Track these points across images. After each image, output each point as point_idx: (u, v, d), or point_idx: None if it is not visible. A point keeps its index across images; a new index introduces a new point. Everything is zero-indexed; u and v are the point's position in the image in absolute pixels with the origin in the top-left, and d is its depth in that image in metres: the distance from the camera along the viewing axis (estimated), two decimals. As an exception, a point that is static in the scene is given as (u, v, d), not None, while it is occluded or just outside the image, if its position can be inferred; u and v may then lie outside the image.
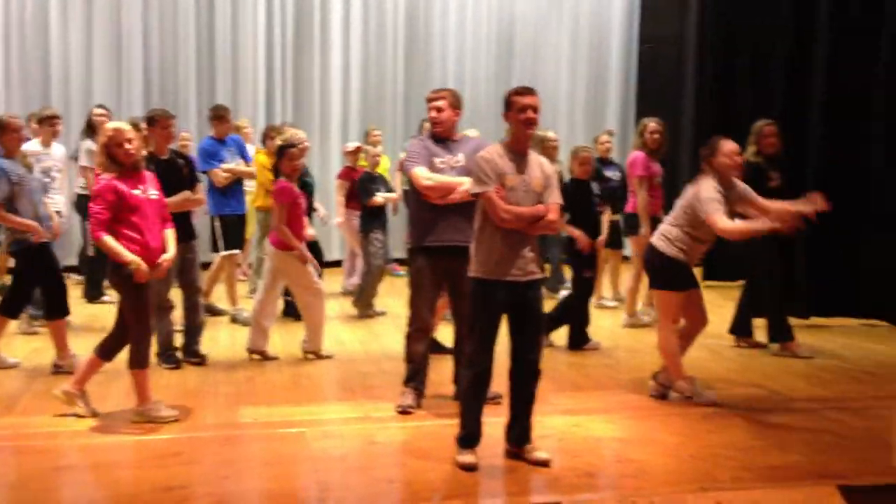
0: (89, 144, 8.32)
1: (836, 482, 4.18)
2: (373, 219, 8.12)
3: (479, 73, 12.06)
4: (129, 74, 11.05)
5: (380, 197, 8.12)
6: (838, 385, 6.07)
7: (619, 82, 12.56)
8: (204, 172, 7.69)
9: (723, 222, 5.25)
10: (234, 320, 7.86)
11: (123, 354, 5.10)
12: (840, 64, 8.02)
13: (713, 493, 4.11)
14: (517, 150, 4.43)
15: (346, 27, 11.78)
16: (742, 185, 5.52)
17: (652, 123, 7.73)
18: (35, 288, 6.37)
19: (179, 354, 6.39)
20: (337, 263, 10.58)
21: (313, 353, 6.57)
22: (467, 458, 4.35)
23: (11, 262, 6.65)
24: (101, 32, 10.97)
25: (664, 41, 12.05)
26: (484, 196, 4.32)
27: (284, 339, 7.06)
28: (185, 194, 6.26)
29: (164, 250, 5.10)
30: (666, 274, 5.51)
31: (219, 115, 8.04)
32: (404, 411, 5.25)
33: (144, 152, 6.43)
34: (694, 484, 4.22)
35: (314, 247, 7.30)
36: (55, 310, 6.24)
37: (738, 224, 5.37)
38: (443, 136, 5.35)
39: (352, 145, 9.36)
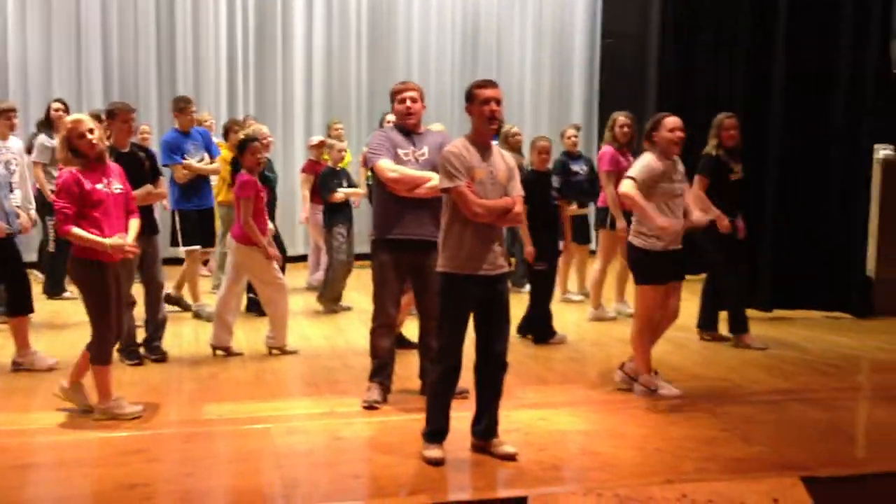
0: (43, 139, 8.21)
1: (799, 473, 4.22)
2: (335, 214, 8.08)
3: (443, 67, 12.04)
4: (89, 67, 10.89)
5: (340, 192, 8.05)
6: (801, 377, 6.13)
7: (582, 76, 12.61)
8: (166, 166, 7.60)
9: (628, 186, 5.35)
10: (197, 315, 7.79)
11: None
12: (800, 57, 8.09)
13: (678, 484, 4.13)
14: (481, 142, 4.42)
15: (309, 19, 11.69)
16: (683, 173, 5.56)
17: (622, 117, 7.75)
18: None
19: (142, 350, 6.31)
20: (302, 258, 10.53)
21: (278, 348, 6.53)
22: (434, 452, 4.34)
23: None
24: (60, 24, 10.80)
25: (626, 36, 12.13)
26: (455, 191, 4.29)
27: (248, 335, 7.00)
28: (147, 188, 6.18)
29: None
30: (640, 267, 5.53)
31: (180, 108, 7.93)
32: (370, 406, 5.22)
33: (107, 144, 6.37)
34: (659, 476, 4.24)
35: (277, 241, 7.27)
36: (18, 306, 6.13)
37: (639, 198, 5.32)
38: (411, 129, 5.32)
39: (316, 139, 9.32)
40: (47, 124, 8.36)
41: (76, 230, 4.81)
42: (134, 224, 5.14)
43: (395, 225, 5.18)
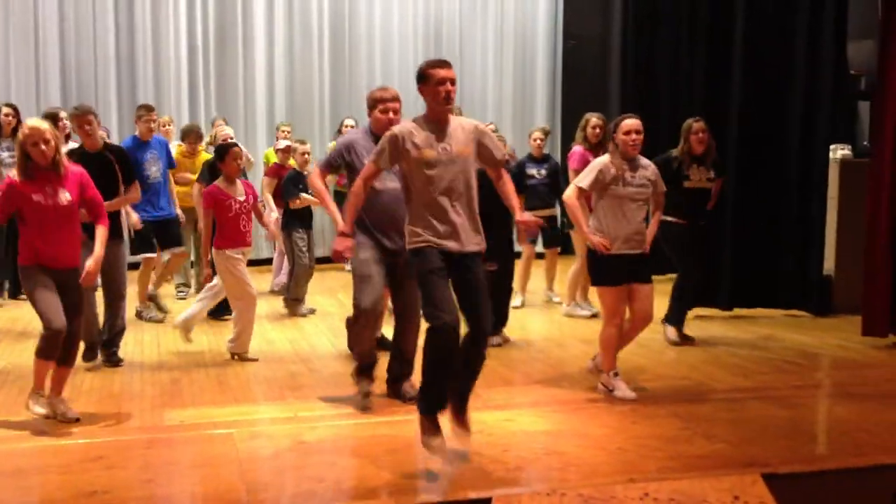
0: None
1: (760, 470, 4.26)
2: (293, 218, 8.03)
3: (406, 71, 11.97)
4: (46, 69, 10.72)
5: (304, 197, 8.00)
6: (762, 375, 6.19)
7: (545, 79, 12.65)
8: None
9: (570, 191, 5.52)
10: (139, 315, 7.75)
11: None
12: (758, 57, 8.18)
13: (641, 483, 4.15)
14: (435, 121, 4.36)
15: (270, 22, 11.60)
16: (654, 171, 5.61)
17: (594, 118, 7.82)
18: None
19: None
20: (267, 262, 10.45)
21: (238, 354, 6.46)
22: (437, 440, 4.25)
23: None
24: (17, 25, 10.62)
25: (588, 37, 12.18)
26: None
27: (210, 339, 6.94)
28: (120, 197, 6.13)
29: (69, 257, 4.94)
30: (593, 268, 5.58)
31: (139, 115, 7.92)
32: (366, 395, 5.26)
33: (74, 146, 6.31)
34: (622, 475, 4.26)
35: None
36: None
37: (575, 207, 5.50)
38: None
39: (283, 143, 9.23)
40: None
41: None
42: (100, 232, 5.07)
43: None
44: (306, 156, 8.33)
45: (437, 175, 4.27)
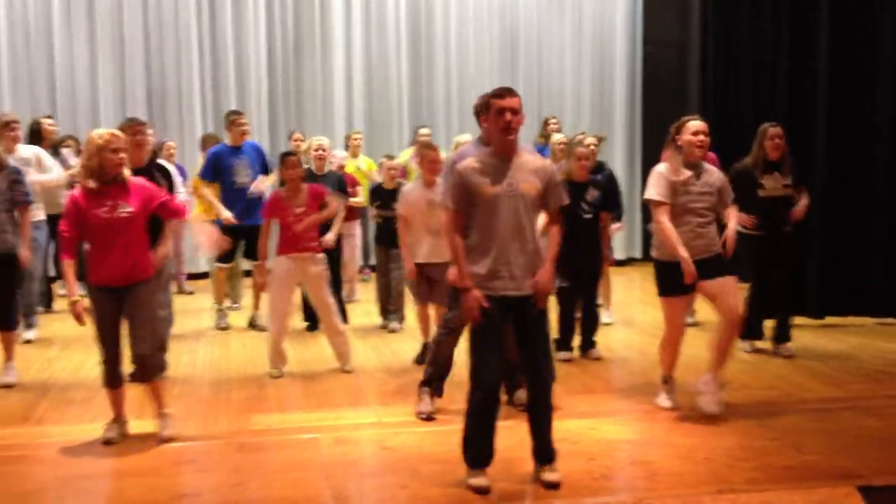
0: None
1: (854, 482, 4.15)
2: (389, 232, 7.93)
3: (482, 73, 12.02)
4: (134, 81, 11.04)
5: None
6: (854, 385, 6.03)
7: (623, 84, 12.52)
8: (213, 181, 7.68)
9: (654, 213, 5.21)
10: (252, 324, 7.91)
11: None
12: (842, 62, 7.99)
13: (729, 495, 4.09)
14: (500, 154, 4.14)
15: (348, 28, 11.74)
16: (720, 177, 5.35)
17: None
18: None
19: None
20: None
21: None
22: (480, 480, 4.19)
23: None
24: (104, 38, 10.94)
25: (667, 43, 12.08)
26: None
27: (297, 350, 7.04)
28: (166, 236, 6.09)
29: (135, 271, 4.86)
30: (656, 277, 5.43)
31: (230, 120, 7.86)
32: (428, 417, 5.26)
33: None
34: (710, 486, 4.20)
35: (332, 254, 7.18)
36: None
37: (669, 227, 5.16)
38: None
39: (340, 154, 9.25)
40: (37, 137, 8.18)
41: (67, 265, 4.78)
42: (172, 224, 5.09)
43: None
44: (393, 172, 8.09)
45: (501, 213, 4.07)
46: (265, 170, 7.95)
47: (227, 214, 7.50)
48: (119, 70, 11.03)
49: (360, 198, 8.99)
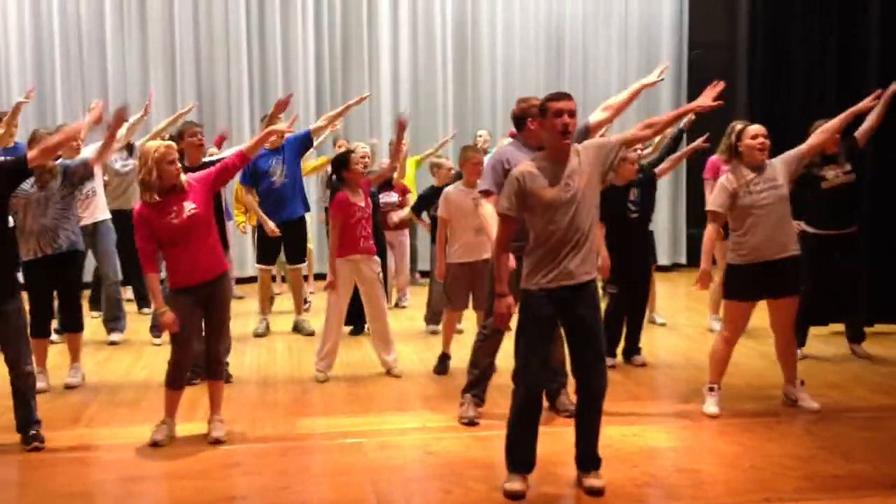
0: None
1: (904, 492, 4.09)
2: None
3: (527, 79, 12.01)
4: (184, 91, 11.22)
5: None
6: (904, 393, 5.94)
7: (670, 86, 12.43)
8: (252, 186, 7.78)
9: (709, 222, 5.44)
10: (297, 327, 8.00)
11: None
12: (891, 61, 7.85)
13: (776, 503, 4.05)
14: (554, 158, 4.16)
15: (395, 35, 11.82)
16: (783, 158, 5.48)
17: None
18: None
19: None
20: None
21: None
22: (515, 484, 4.20)
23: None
24: (156, 50, 11.16)
25: (714, 46, 11.98)
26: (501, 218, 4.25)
27: (341, 354, 7.08)
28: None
29: (210, 267, 4.98)
30: (726, 279, 5.48)
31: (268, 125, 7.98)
32: (470, 423, 5.26)
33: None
34: (756, 494, 4.17)
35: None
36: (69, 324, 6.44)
37: (710, 238, 5.45)
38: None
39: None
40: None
41: (152, 278, 4.91)
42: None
43: None
44: (452, 172, 8.04)
45: (559, 216, 4.08)
46: (305, 146, 7.96)
47: (270, 226, 7.65)
48: (170, 77, 11.22)
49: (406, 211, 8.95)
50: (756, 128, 5.41)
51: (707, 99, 4.77)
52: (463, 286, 6.42)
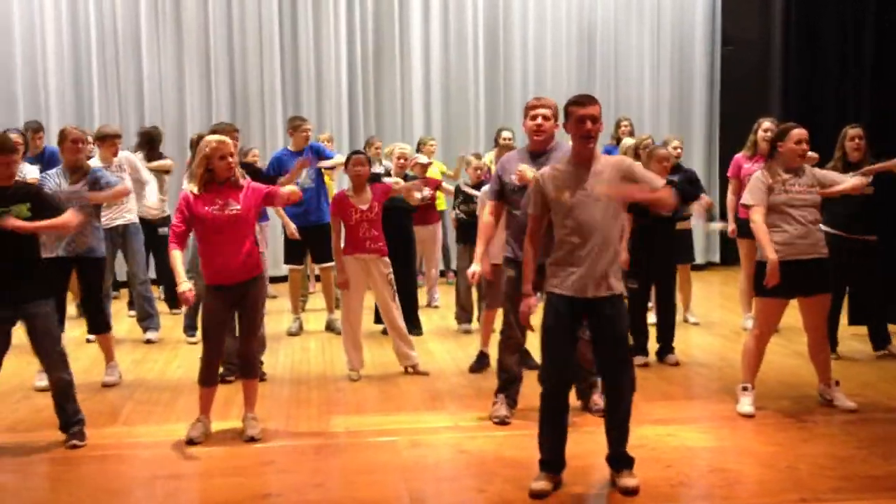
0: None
1: (943, 494, 4.04)
2: (470, 232, 7.95)
3: (559, 78, 11.98)
4: (219, 97, 11.32)
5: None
6: (943, 393, 5.85)
7: (703, 85, 12.33)
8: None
9: (752, 215, 5.32)
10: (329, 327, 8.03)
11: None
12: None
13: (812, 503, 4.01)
14: (578, 162, 4.16)
15: (426, 34, 11.83)
16: (819, 172, 5.46)
17: (766, 122, 7.57)
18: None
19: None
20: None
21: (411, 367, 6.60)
22: (539, 484, 4.20)
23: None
24: (191, 53, 11.26)
25: (746, 43, 11.88)
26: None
27: (374, 352, 7.12)
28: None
29: (243, 269, 5.02)
30: (757, 277, 5.41)
31: (294, 126, 7.99)
32: (501, 422, 5.27)
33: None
34: (793, 494, 4.13)
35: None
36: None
37: (761, 229, 5.28)
38: (537, 148, 5.23)
39: (422, 159, 9.22)
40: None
41: (173, 253, 4.95)
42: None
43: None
44: (479, 171, 8.05)
45: (578, 219, 4.09)
46: (319, 157, 8.01)
47: (292, 228, 7.75)
48: (205, 79, 11.32)
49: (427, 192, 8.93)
50: (802, 132, 5.34)
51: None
52: (498, 284, 6.41)
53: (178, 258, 4.96)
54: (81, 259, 6.24)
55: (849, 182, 5.59)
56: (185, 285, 4.90)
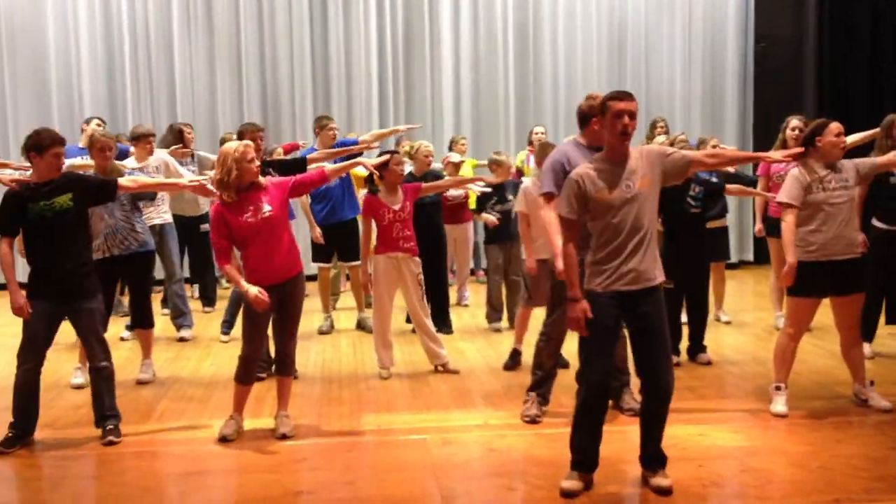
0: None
1: (979, 495, 3.99)
2: (498, 231, 7.92)
3: (589, 75, 11.93)
4: (250, 96, 11.41)
5: (486, 217, 7.89)
6: (980, 393, 5.77)
7: (735, 81, 12.21)
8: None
9: (786, 215, 5.27)
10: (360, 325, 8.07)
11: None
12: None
13: (846, 504, 3.99)
14: (614, 159, 4.12)
15: (456, 32, 11.84)
16: (857, 162, 5.39)
17: (794, 121, 7.51)
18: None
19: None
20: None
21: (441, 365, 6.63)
22: (568, 483, 4.21)
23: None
24: (223, 53, 11.35)
25: (779, 39, 11.78)
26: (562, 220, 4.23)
27: (404, 351, 7.15)
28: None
29: (284, 268, 5.07)
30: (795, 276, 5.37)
31: (321, 125, 8.00)
32: (532, 420, 5.27)
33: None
34: (825, 495, 4.10)
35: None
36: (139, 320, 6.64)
37: (790, 230, 5.23)
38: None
39: (455, 157, 9.23)
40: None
41: (228, 269, 4.99)
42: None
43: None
44: (510, 169, 8.07)
45: (621, 216, 4.07)
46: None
47: (317, 232, 7.83)
48: (236, 78, 11.41)
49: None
50: (838, 125, 5.30)
51: (779, 154, 5.01)
52: (543, 282, 6.40)
53: (232, 270, 4.99)
54: (135, 255, 6.35)
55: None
56: (252, 289, 4.90)
